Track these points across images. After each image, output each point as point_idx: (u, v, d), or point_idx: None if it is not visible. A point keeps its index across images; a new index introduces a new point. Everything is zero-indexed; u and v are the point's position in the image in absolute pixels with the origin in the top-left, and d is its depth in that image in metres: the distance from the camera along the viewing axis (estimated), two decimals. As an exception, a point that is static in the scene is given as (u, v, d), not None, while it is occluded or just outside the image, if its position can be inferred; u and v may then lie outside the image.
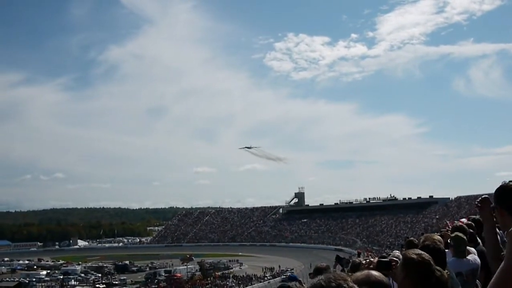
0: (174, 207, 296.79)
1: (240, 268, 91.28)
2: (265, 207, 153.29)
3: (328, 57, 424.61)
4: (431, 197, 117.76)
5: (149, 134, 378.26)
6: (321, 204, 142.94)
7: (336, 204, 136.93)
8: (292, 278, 9.47)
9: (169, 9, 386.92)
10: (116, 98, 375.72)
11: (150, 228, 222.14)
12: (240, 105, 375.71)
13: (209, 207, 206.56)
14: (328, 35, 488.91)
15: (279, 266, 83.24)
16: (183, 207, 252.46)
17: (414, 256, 2.92)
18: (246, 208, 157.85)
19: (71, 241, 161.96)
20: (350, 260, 8.02)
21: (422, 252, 2.96)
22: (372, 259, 3.39)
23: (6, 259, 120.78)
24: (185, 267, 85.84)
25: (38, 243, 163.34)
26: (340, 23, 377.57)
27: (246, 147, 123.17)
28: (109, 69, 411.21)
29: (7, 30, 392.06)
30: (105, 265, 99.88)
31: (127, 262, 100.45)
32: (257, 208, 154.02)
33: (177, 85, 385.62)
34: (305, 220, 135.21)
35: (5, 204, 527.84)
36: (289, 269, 75.67)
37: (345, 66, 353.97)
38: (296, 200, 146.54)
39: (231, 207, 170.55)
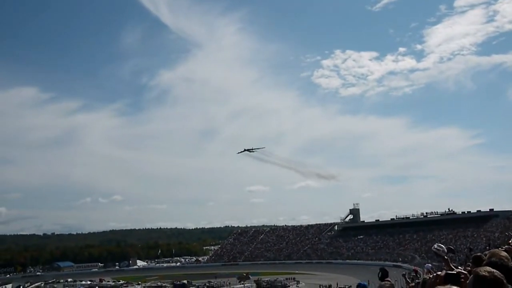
0: (229, 226, 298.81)
1: (297, 286, 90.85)
2: (320, 224, 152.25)
3: (376, 72, 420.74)
4: (491, 210, 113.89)
5: (202, 155, 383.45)
6: (377, 220, 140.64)
7: (392, 219, 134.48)
8: (362, 286, 9.65)
9: (216, 32, 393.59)
10: (169, 121, 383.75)
11: (206, 247, 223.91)
12: (290, 124, 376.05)
13: (263, 225, 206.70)
14: (375, 50, 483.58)
15: (337, 284, 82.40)
16: (238, 226, 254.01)
17: (487, 274, 2.75)
18: (301, 226, 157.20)
19: (130, 262, 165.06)
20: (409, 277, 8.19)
21: (495, 270, 2.78)
22: (439, 273, 3.59)
23: (69, 279, 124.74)
24: (243, 285, 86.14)
25: (99, 263, 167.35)
26: (387, 37, 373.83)
27: (246, 150, 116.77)
28: (161, 93, 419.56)
29: (64, 60, 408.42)
30: (163, 284, 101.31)
31: (185, 281, 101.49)
32: (312, 226, 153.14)
33: (227, 106, 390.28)
34: (361, 236, 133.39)
35: (68, 226, 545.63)
36: (347, 286, 74.89)
37: (394, 80, 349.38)
38: (351, 216, 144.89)
39: (285, 225, 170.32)
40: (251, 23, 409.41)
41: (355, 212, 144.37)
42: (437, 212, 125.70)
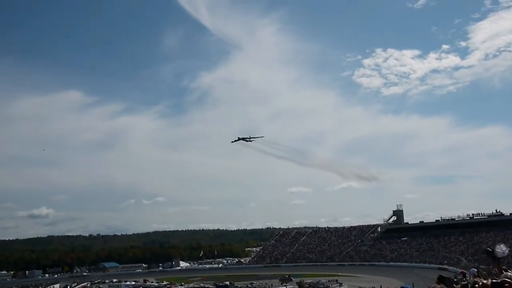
0: (271, 227, 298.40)
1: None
2: (362, 225, 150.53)
3: (419, 71, 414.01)
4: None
5: (243, 156, 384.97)
6: (421, 222, 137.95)
7: (437, 221, 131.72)
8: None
9: (255, 34, 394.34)
10: (210, 123, 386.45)
11: (248, 248, 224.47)
12: (331, 124, 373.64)
13: (305, 227, 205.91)
14: (417, 48, 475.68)
15: (380, 286, 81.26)
16: (280, 228, 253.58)
17: None
18: (343, 227, 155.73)
19: (173, 263, 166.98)
20: (455, 280, 7.92)
21: None
22: (485, 282, 3.46)
23: (114, 280, 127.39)
24: (285, 287, 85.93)
25: (143, 264, 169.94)
26: (430, 34, 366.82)
27: (241, 139, 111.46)
28: (202, 95, 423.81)
29: (108, 63, 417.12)
30: (206, 285, 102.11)
31: (227, 282, 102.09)
32: (354, 227, 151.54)
33: (267, 107, 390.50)
34: (405, 238, 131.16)
35: (112, 228, 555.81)
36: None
37: (437, 78, 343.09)
38: (394, 218, 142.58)
39: (327, 227, 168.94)
40: (290, 23, 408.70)
41: (398, 213, 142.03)
42: (483, 213, 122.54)
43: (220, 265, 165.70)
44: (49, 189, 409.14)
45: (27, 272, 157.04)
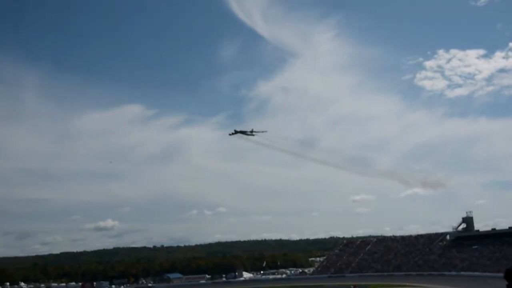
0: (335, 236, 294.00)
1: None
2: (430, 233, 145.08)
3: (485, 71, 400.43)
4: None
5: (303, 165, 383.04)
6: (493, 229, 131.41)
7: (510, 228, 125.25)
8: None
9: (312, 41, 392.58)
10: (269, 132, 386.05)
11: (311, 258, 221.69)
12: (394, 129, 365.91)
13: (370, 236, 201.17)
14: (483, 47, 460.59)
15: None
16: (344, 237, 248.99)
17: None
18: (410, 236, 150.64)
19: (236, 273, 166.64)
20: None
21: None
22: None
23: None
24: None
25: (207, 275, 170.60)
26: (495, 33, 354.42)
27: (239, 132, 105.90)
28: (260, 104, 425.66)
29: (166, 76, 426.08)
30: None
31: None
32: (421, 235, 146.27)
33: (326, 114, 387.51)
34: (476, 246, 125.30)
35: (176, 239, 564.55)
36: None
37: (505, 78, 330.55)
38: (464, 225, 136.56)
39: (393, 235, 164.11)
40: (347, 28, 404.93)
41: (468, 220, 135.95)
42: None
43: (284, 275, 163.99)
44: (114, 202, 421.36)
45: (94, 283, 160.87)
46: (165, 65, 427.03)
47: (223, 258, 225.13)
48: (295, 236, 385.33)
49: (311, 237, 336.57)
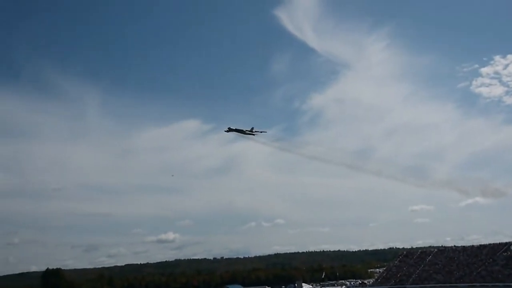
0: (394, 247, 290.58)
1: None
2: (493, 243, 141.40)
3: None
4: None
5: (359, 176, 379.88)
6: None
7: None
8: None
9: (364, 52, 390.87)
10: (323, 143, 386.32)
11: (371, 270, 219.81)
12: (450, 138, 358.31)
13: (430, 246, 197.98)
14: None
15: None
16: (403, 247, 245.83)
17: None
18: (472, 246, 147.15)
19: (295, 285, 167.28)
20: None
21: None
22: None
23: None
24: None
25: (266, 286, 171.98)
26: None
27: (233, 130, 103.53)
28: (314, 116, 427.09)
29: (222, 91, 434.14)
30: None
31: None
32: (484, 246, 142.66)
33: (381, 124, 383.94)
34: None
35: (235, 251, 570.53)
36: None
37: None
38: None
39: (454, 246, 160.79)
40: (399, 37, 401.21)
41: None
42: None
43: (343, 287, 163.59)
44: (175, 215, 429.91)
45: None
46: (220, 80, 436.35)
47: (282, 270, 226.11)
48: (353, 247, 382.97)
49: (370, 248, 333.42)
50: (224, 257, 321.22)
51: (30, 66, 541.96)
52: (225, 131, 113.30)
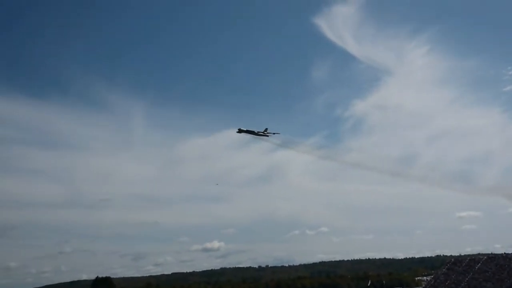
0: (441, 255, 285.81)
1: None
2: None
3: None
4: None
5: (403, 183, 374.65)
6: None
7: None
8: None
9: (405, 57, 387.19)
10: (366, 150, 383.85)
11: (418, 278, 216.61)
12: (497, 142, 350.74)
13: (479, 254, 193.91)
14: None
15: None
16: (451, 255, 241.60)
17: None
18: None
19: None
20: None
21: None
22: None
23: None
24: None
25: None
26: None
27: (244, 131, 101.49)
28: (356, 123, 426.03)
29: (261, 100, 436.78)
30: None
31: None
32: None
33: (424, 130, 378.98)
34: None
35: (279, 259, 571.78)
36: None
37: None
38: None
39: (505, 253, 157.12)
40: (441, 42, 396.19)
41: None
42: None
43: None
44: (219, 223, 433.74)
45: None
46: (262, 89, 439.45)
47: (327, 278, 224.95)
48: (399, 255, 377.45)
49: (417, 256, 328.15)
50: (269, 265, 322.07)
51: (79, 81, 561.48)
52: (236, 132, 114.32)
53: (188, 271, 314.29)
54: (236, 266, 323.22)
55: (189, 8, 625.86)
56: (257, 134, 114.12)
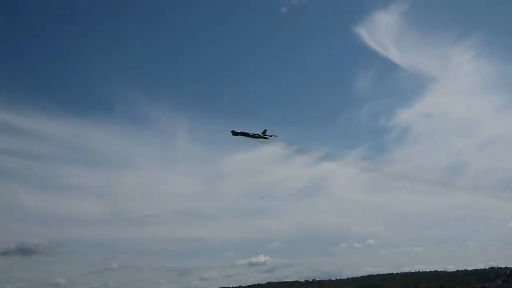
0: (495, 266, 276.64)
1: None
2: None
3: None
4: None
5: (452, 193, 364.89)
6: None
7: None
8: None
9: (450, 63, 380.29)
10: (411, 160, 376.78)
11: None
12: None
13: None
14: None
15: None
16: (505, 267, 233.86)
17: None
18: None
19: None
20: None
21: None
22: None
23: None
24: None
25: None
26: None
27: (238, 133, 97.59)
28: (401, 133, 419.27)
29: (304, 113, 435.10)
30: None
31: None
32: None
33: (473, 138, 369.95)
34: None
35: (326, 273, 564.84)
36: None
37: None
38: None
39: None
40: (488, 47, 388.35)
41: None
42: None
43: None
44: (264, 237, 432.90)
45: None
46: (304, 101, 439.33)
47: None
48: (451, 267, 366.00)
49: (469, 268, 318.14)
50: (316, 279, 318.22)
51: (122, 98, 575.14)
52: (231, 134, 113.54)
53: (234, 286, 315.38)
54: (283, 280, 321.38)
55: (233, 26, 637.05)
56: (252, 136, 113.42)
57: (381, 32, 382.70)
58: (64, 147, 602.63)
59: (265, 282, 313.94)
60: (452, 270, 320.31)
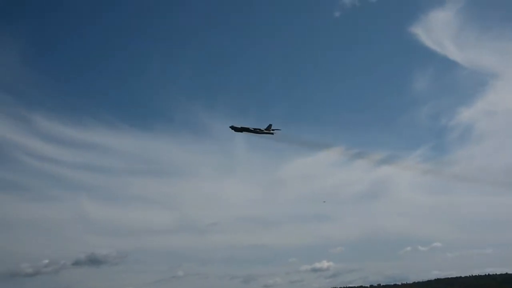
0: None
1: None
2: None
3: None
4: None
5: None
6: None
7: None
8: None
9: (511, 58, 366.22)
10: (476, 159, 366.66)
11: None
12: None
13: None
14: None
15: None
16: None
17: None
18: None
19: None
20: None
21: None
22: None
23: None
24: None
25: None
26: None
27: (238, 129, 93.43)
28: (464, 132, 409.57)
29: (365, 116, 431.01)
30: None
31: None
32: None
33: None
34: None
35: (391, 277, 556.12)
36: None
37: None
38: None
39: None
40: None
41: None
42: None
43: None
44: (327, 242, 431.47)
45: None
46: (362, 104, 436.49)
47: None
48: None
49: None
50: (381, 284, 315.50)
51: (182, 110, 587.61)
52: (232, 129, 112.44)
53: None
54: (347, 285, 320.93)
55: (290, 33, 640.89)
56: (254, 131, 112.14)
57: (438, 30, 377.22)
58: (128, 159, 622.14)
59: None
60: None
